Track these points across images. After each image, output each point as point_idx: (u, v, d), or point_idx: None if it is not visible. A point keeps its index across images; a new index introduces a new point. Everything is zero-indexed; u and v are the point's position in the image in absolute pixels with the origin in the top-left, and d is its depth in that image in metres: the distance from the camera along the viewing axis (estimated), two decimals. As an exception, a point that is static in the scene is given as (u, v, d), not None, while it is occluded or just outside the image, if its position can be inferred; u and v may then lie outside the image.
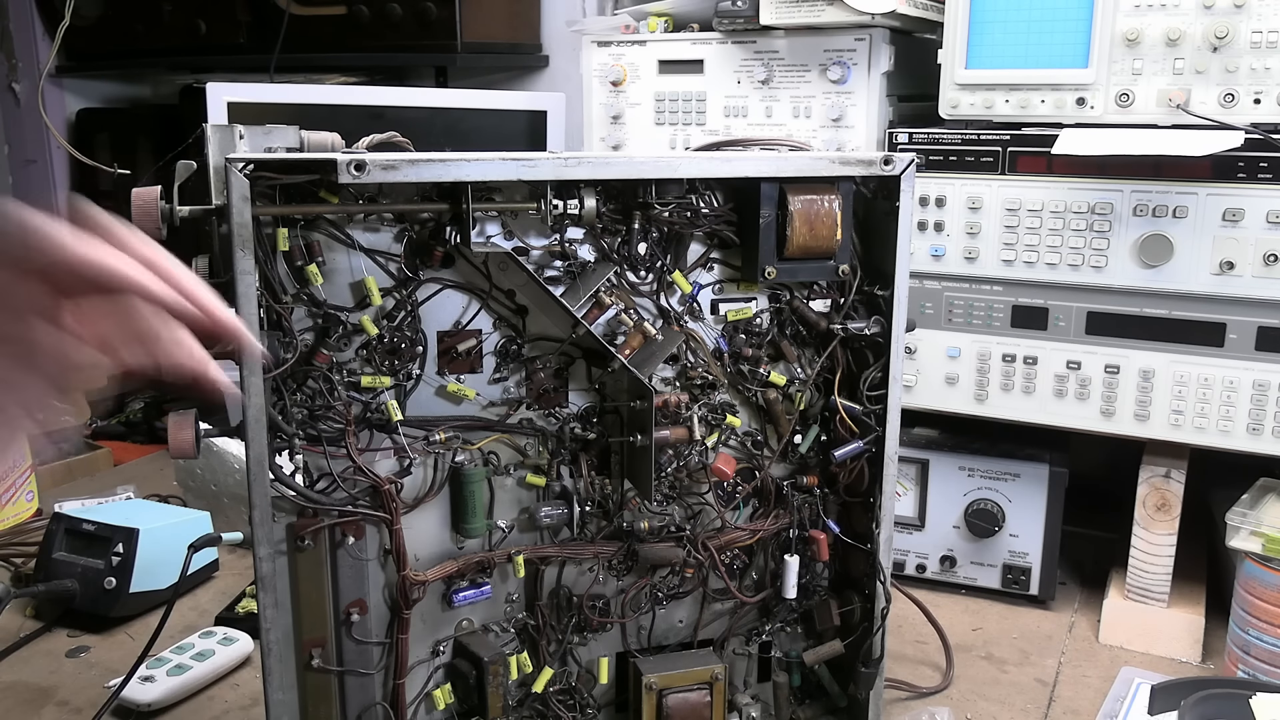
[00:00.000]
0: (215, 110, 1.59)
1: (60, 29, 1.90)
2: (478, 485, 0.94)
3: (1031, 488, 1.33)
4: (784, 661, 1.08)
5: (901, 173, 0.94)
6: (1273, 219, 1.12)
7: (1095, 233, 1.20)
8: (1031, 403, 1.27)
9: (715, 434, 1.01)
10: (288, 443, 0.86)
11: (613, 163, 0.91)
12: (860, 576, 1.05)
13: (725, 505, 1.02)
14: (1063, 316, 1.24)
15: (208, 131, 0.81)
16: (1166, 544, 1.25)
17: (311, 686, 0.91)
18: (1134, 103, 1.16)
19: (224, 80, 1.71)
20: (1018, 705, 1.15)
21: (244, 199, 0.78)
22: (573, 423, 0.97)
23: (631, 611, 1.01)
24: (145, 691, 1.11)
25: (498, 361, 0.94)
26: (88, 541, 1.30)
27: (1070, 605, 1.38)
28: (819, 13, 1.29)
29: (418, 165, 0.81)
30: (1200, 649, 1.24)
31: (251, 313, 0.80)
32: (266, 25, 1.92)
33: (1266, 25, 1.09)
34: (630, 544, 0.99)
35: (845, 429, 1.01)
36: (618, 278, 0.95)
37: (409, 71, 2.11)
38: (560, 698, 1.01)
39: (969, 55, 1.23)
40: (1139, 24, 1.14)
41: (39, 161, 2.40)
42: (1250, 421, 1.16)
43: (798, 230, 0.93)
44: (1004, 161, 1.24)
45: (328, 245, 0.87)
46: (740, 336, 1.00)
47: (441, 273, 0.91)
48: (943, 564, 1.39)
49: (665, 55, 1.47)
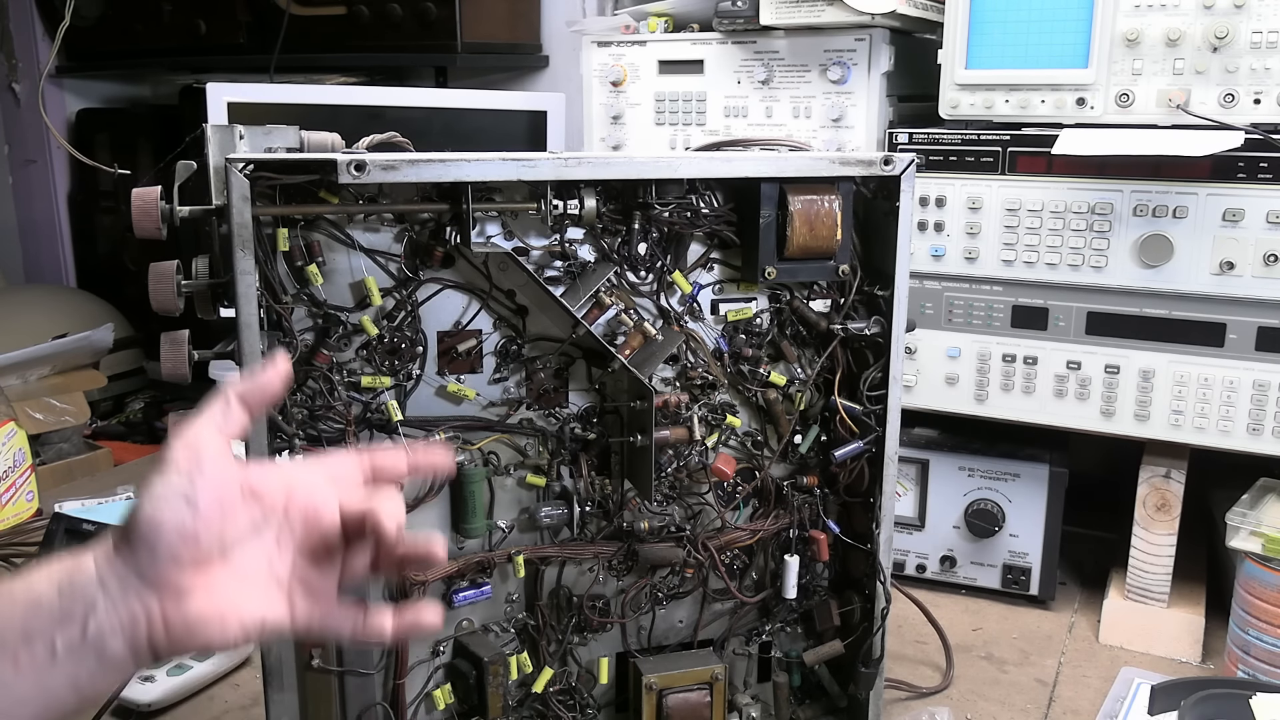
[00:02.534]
0: (215, 110, 1.59)
1: (60, 29, 1.89)
2: (478, 485, 0.94)
3: (1031, 488, 1.33)
4: (784, 661, 1.08)
5: (901, 173, 0.94)
6: (1273, 219, 1.12)
7: (1095, 233, 1.20)
8: (1031, 403, 1.27)
9: (715, 434, 1.01)
10: (288, 443, 0.86)
11: (613, 163, 0.91)
12: (860, 576, 1.05)
13: (725, 505, 1.02)
14: (1063, 316, 1.24)
15: (208, 131, 0.81)
16: (1166, 544, 1.25)
17: (311, 686, 0.91)
18: (1134, 103, 1.16)
19: (224, 80, 1.71)
20: (1018, 705, 1.15)
21: (244, 199, 0.78)
22: (573, 423, 0.97)
23: (631, 611, 1.01)
24: (145, 691, 1.11)
25: (498, 361, 0.94)
26: (88, 541, 1.29)
27: (1070, 605, 1.38)
28: (819, 13, 1.29)
29: (418, 165, 0.81)
30: (1200, 649, 1.24)
31: (251, 313, 0.80)
32: (266, 25, 1.92)
33: (1266, 25, 1.09)
34: (630, 544, 0.99)
35: (845, 429, 1.01)
36: (618, 278, 0.95)
37: (409, 71, 2.11)
38: (560, 698, 1.01)
39: (969, 55, 1.23)
40: (1139, 24, 1.14)
41: (39, 161, 2.40)
42: (1250, 421, 1.16)
43: (798, 230, 0.93)
44: (1004, 161, 1.24)
45: (328, 245, 0.87)
46: (740, 336, 1.00)
47: (441, 273, 0.91)
48: (943, 564, 1.39)
49: (665, 55, 1.47)
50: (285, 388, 0.66)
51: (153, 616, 0.58)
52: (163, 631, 0.58)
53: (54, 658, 0.56)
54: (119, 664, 0.58)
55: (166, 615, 0.58)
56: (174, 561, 0.58)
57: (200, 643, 0.60)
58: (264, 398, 0.65)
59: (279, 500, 0.65)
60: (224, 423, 0.63)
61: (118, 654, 0.58)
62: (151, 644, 0.58)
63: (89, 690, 0.58)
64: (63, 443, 1.84)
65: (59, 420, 1.82)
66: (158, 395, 2.17)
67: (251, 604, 0.62)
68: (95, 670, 0.57)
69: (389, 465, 0.69)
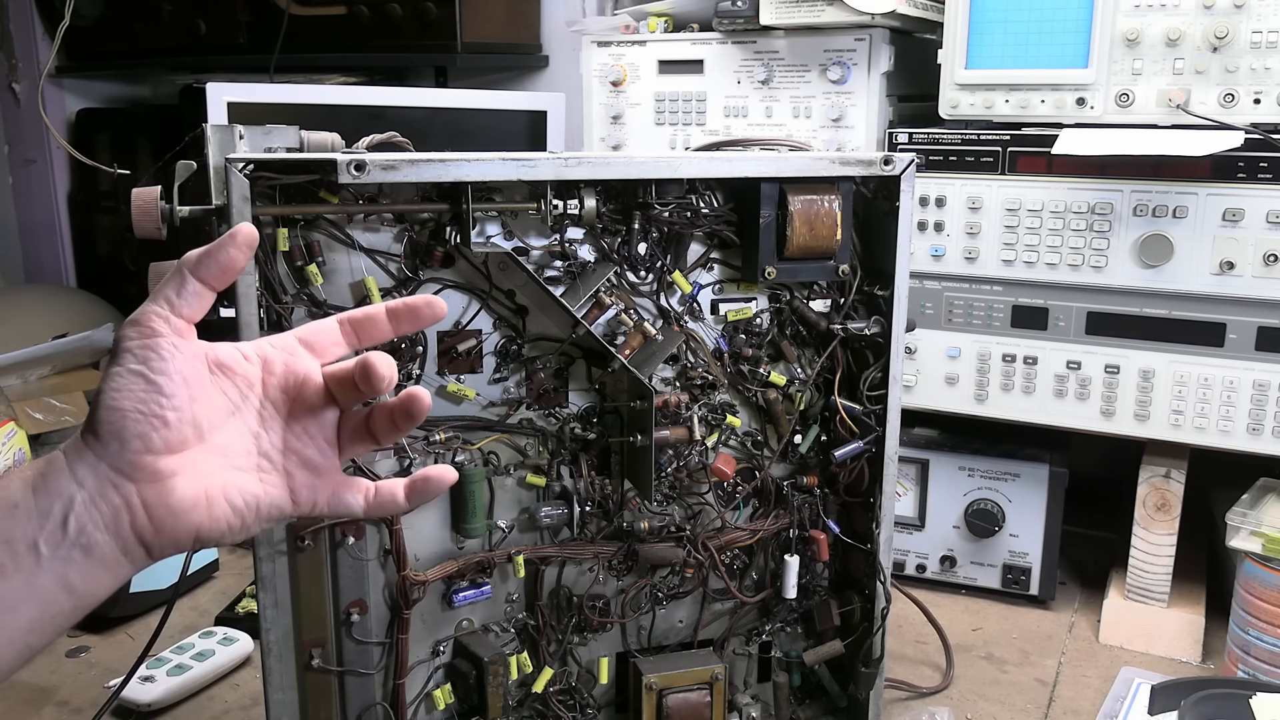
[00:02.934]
0: (215, 110, 1.59)
1: (60, 29, 1.89)
2: (478, 485, 0.94)
3: (1031, 488, 1.33)
4: (784, 661, 1.08)
5: (901, 173, 0.94)
6: (1273, 219, 1.12)
7: (1095, 233, 1.20)
8: (1031, 403, 1.27)
9: (715, 434, 1.01)
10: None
11: (613, 163, 0.91)
12: (860, 576, 1.05)
13: (725, 505, 1.02)
14: (1063, 316, 1.24)
15: (208, 131, 0.81)
16: (1166, 544, 1.25)
17: (311, 686, 0.91)
18: (1134, 103, 1.16)
19: (224, 80, 1.71)
20: (1018, 705, 1.15)
21: (244, 199, 0.78)
22: (573, 423, 0.97)
23: (631, 611, 1.01)
24: (145, 691, 1.11)
25: (498, 361, 0.94)
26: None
27: (1070, 605, 1.38)
28: (819, 13, 1.29)
29: (418, 165, 0.81)
30: (1200, 649, 1.24)
31: (251, 313, 0.80)
32: (266, 25, 1.92)
33: (1266, 25, 1.09)
34: (630, 544, 0.99)
35: (845, 429, 1.01)
36: (618, 278, 0.95)
37: (409, 71, 2.11)
38: (560, 698, 1.01)
39: (969, 55, 1.23)
40: (1139, 24, 1.14)
41: (39, 161, 2.40)
42: (1250, 421, 1.16)
43: (798, 230, 0.93)
44: (1004, 161, 1.24)
45: (328, 245, 0.87)
46: (740, 336, 1.00)
47: (441, 273, 0.91)
48: (943, 564, 1.39)
49: (665, 55, 1.47)
50: (248, 260, 0.61)
51: (132, 504, 0.56)
52: (145, 519, 0.57)
53: (39, 558, 0.55)
54: (109, 559, 0.57)
55: (146, 501, 0.57)
56: (145, 446, 0.56)
57: (189, 529, 0.58)
58: (225, 272, 0.60)
59: (253, 372, 0.62)
60: (180, 302, 0.59)
61: (104, 548, 0.56)
62: (138, 533, 0.57)
63: (84, 590, 0.57)
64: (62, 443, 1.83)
65: (59, 420, 1.82)
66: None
67: (241, 484, 0.60)
68: (85, 567, 0.56)
69: (368, 319, 0.65)
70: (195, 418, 0.58)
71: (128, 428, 0.56)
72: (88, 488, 0.56)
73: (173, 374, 0.57)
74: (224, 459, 0.60)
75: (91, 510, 0.56)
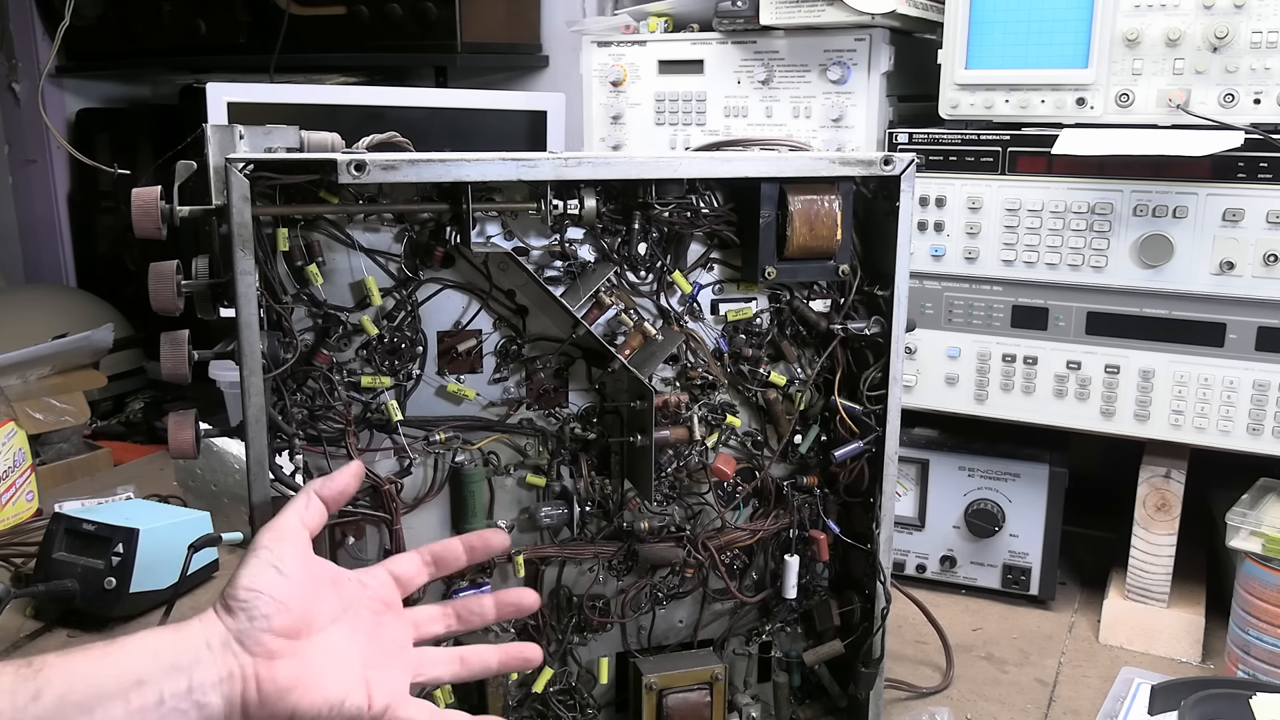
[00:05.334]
0: (215, 110, 1.59)
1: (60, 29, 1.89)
2: (478, 485, 0.94)
3: (1031, 488, 1.33)
4: (784, 661, 1.08)
5: (901, 173, 0.94)
6: (1273, 219, 1.12)
7: (1095, 233, 1.20)
8: (1031, 403, 1.27)
9: (715, 434, 1.01)
10: (288, 443, 0.86)
11: (613, 163, 0.91)
12: (860, 576, 1.05)
13: (725, 505, 1.02)
14: (1063, 316, 1.24)
15: (208, 131, 0.81)
16: (1166, 544, 1.25)
17: (311, 686, 0.91)
18: (1134, 103, 1.16)
19: (224, 80, 1.71)
20: (1018, 705, 1.15)
21: (244, 199, 0.78)
22: (573, 423, 0.97)
23: (631, 611, 1.01)
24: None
25: (498, 361, 0.94)
26: (88, 541, 1.30)
27: (1070, 605, 1.38)
28: (819, 13, 1.29)
29: (418, 165, 0.81)
30: (1200, 649, 1.24)
31: (251, 313, 0.80)
32: (266, 25, 1.93)
33: (1266, 25, 1.09)
34: (630, 544, 0.99)
35: (845, 429, 1.01)
36: (618, 278, 0.95)
37: (409, 71, 2.11)
38: (560, 698, 1.01)
39: (969, 55, 1.23)
40: (1139, 24, 1.14)
41: (39, 161, 2.40)
42: (1250, 421, 1.16)
43: (798, 230, 0.93)
44: (1004, 161, 1.24)
45: (328, 245, 0.87)
46: (740, 336, 1.00)
47: (441, 273, 0.91)
48: (943, 564, 1.39)
49: (665, 55, 1.47)
50: (358, 488, 0.79)
51: (247, 675, 0.65)
52: (255, 691, 0.65)
53: (160, 705, 0.62)
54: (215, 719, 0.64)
55: (259, 675, 0.65)
56: (267, 626, 0.66)
57: (288, 708, 0.65)
58: (341, 495, 0.77)
59: (357, 591, 0.75)
60: (306, 515, 0.74)
61: (215, 709, 0.63)
62: (244, 702, 0.65)
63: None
64: (62, 443, 1.84)
65: (59, 420, 1.82)
66: (158, 395, 2.17)
67: (334, 680, 0.69)
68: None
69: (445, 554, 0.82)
70: (309, 613, 0.69)
71: (259, 606, 0.66)
72: (214, 651, 0.65)
73: (301, 571, 0.70)
74: (324, 656, 0.69)
75: (212, 672, 0.64)
